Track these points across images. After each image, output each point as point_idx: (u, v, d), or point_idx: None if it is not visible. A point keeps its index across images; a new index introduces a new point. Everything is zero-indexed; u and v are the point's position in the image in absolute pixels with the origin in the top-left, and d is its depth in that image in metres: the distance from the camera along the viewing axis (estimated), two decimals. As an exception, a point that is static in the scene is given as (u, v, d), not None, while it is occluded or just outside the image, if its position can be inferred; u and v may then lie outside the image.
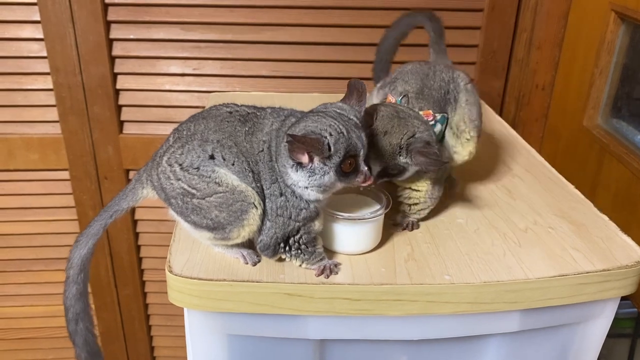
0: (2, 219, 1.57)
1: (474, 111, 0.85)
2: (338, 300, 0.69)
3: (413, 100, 0.84)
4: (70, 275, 0.80)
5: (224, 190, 0.68)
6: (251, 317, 0.71)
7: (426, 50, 1.13)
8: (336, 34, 1.43)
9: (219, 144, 0.69)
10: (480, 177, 0.96)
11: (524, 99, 1.49)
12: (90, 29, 1.38)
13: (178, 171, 0.69)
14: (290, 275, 0.70)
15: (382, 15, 1.40)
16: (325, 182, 0.67)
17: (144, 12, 1.40)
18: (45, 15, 1.36)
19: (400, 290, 0.70)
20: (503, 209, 0.87)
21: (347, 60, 1.46)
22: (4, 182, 1.53)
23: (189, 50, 1.44)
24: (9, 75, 1.43)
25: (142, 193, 0.76)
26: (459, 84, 0.86)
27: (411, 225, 0.82)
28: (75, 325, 0.82)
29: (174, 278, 0.68)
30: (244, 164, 0.69)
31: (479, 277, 0.72)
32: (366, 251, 0.76)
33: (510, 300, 0.73)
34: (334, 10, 1.40)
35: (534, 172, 0.98)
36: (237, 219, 0.69)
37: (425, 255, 0.76)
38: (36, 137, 1.49)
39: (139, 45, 1.43)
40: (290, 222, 0.70)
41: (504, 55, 1.45)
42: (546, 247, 0.78)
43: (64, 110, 1.46)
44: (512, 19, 1.41)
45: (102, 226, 0.79)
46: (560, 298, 0.74)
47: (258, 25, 1.42)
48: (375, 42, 1.42)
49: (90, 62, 1.42)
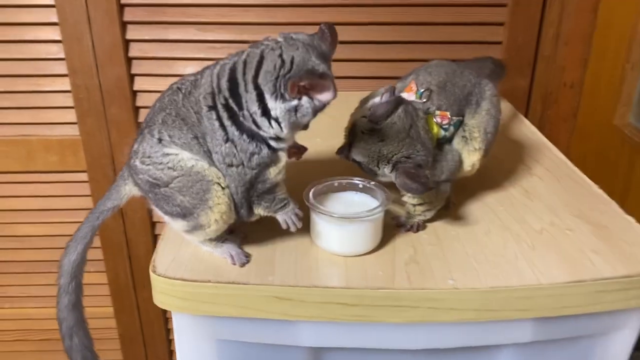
0: (23, 220, 1.58)
1: (491, 124, 0.80)
2: (331, 305, 0.65)
3: (434, 95, 0.78)
4: (61, 284, 0.76)
5: (179, 174, 0.66)
6: (240, 322, 0.67)
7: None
8: (353, 32, 1.39)
9: (163, 122, 0.67)
10: (496, 175, 0.90)
11: (551, 98, 1.41)
12: (107, 30, 1.38)
13: (139, 164, 0.68)
14: (279, 277, 0.66)
15: (400, 12, 1.36)
16: (305, 120, 0.66)
17: (160, 12, 1.38)
18: (63, 17, 1.36)
19: (398, 296, 0.65)
20: (518, 209, 0.82)
21: (365, 59, 1.41)
22: (24, 183, 1.54)
23: (204, 51, 1.42)
24: (29, 77, 1.44)
25: (125, 190, 0.74)
26: (484, 91, 0.81)
27: (416, 226, 0.77)
28: (70, 340, 0.78)
29: (158, 279, 0.65)
30: (188, 133, 0.67)
31: (485, 282, 0.66)
32: (363, 253, 0.71)
33: (521, 307, 0.67)
34: (351, 7, 1.37)
35: (554, 171, 0.91)
36: (201, 200, 0.66)
37: (428, 258, 0.71)
38: (55, 139, 1.49)
39: (155, 46, 1.42)
40: (245, 170, 0.66)
41: (529, 52, 1.38)
42: (562, 250, 0.72)
43: (82, 112, 1.46)
44: (537, 14, 1.35)
45: (90, 229, 0.77)
46: (577, 306, 0.68)
47: (273, 24, 1.39)
48: (395, 39, 1.38)
49: (107, 64, 1.41)
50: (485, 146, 0.79)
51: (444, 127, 0.76)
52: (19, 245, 1.61)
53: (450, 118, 0.76)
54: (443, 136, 0.77)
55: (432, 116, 0.76)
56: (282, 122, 0.65)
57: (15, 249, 1.62)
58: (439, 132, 0.76)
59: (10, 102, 1.45)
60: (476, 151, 0.78)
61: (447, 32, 1.37)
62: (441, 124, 0.76)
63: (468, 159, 0.79)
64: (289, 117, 0.65)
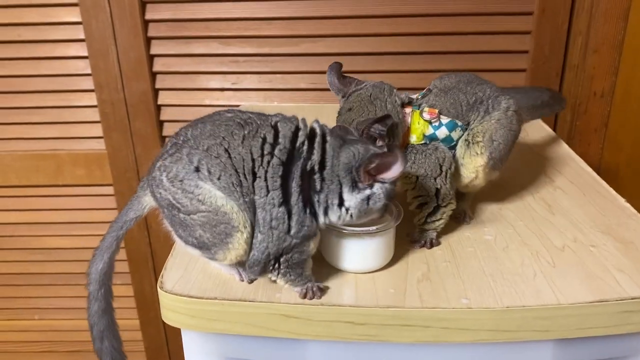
0: (51, 233, 1.61)
1: (500, 133, 0.77)
2: (339, 323, 0.63)
3: (432, 95, 0.78)
4: (91, 291, 0.77)
5: (207, 209, 0.63)
6: (248, 340, 0.66)
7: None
8: (375, 44, 1.37)
9: (208, 152, 0.64)
10: (516, 188, 0.87)
11: (581, 108, 1.37)
12: (131, 46, 1.40)
13: (165, 181, 0.65)
14: (287, 295, 0.65)
15: (421, 23, 1.34)
16: (377, 206, 0.66)
17: (183, 27, 1.40)
18: (89, 33, 1.39)
19: (408, 315, 0.62)
20: (539, 224, 0.78)
21: (386, 70, 1.40)
22: (53, 197, 1.57)
23: (227, 65, 1.43)
24: (57, 92, 1.47)
25: (146, 200, 0.72)
26: (500, 103, 0.79)
27: (429, 242, 0.75)
28: (101, 343, 0.79)
29: (165, 295, 0.65)
30: (232, 178, 0.63)
31: (501, 301, 0.64)
32: (374, 269, 0.69)
33: (539, 328, 0.64)
34: (372, 19, 1.35)
35: (579, 184, 0.88)
36: (222, 241, 0.64)
37: (442, 276, 0.68)
38: (82, 153, 1.52)
39: (179, 61, 1.43)
40: (287, 238, 0.64)
41: (557, 61, 1.34)
42: (585, 268, 0.69)
43: (108, 126, 1.48)
44: (565, 22, 1.31)
45: (115, 239, 0.76)
46: (600, 328, 0.64)
47: (295, 37, 1.39)
48: (419, 50, 1.36)
49: (131, 79, 1.43)
50: (490, 153, 0.76)
51: (433, 125, 0.75)
52: (47, 258, 1.64)
53: (438, 115, 0.75)
54: (432, 134, 0.76)
55: (420, 111, 0.76)
56: (353, 211, 0.65)
57: (43, 261, 1.65)
58: (425, 127, 0.75)
59: (40, 117, 1.49)
60: (477, 156, 0.76)
61: (472, 42, 1.34)
62: (429, 120, 0.75)
63: (470, 164, 0.77)
64: (361, 206, 0.65)
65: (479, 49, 1.34)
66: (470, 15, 1.32)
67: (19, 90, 1.46)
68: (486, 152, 0.76)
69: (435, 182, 0.75)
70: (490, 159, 0.76)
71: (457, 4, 1.31)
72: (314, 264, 0.69)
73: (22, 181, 1.54)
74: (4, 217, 1.60)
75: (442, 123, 0.75)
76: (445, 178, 0.75)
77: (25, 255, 1.65)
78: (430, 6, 1.32)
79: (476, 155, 0.76)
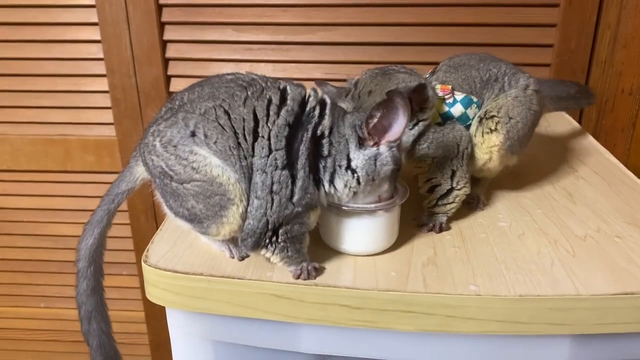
0: (59, 219, 1.59)
1: (517, 111, 0.72)
2: (334, 306, 0.58)
3: (441, 73, 0.73)
4: (79, 268, 0.75)
5: (201, 179, 0.59)
6: (236, 322, 0.61)
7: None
8: (394, 34, 1.33)
9: (205, 116, 0.60)
10: (535, 177, 0.81)
11: (608, 105, 1.30)
12: (145, 31, 1.37)
13: (158, 147, 0.61)
14: (279, 274, 0.60)
15: (444, 13, 1.29)
16: (385, 170, 0.61)
17: (197, 12, 1.37)
18: (103, 17, 1.36)
19: (410, 300, 0.57)
20: (559, 213, 0.72)
21: (405, 62, 1.33)
22: (61, 183, 1.55)
23: (240, 53, 1.40)
24: (69, 77, 1.45)
25: (138, 171, 0.69)
26: (519, 81, 0.74)
27: (439, 226, 0.69)
28: (88, 324, 0.77)
29: (149, 270, 0.61)
30: (229, 140, 0.59)
31: (513, 289, 0.58)
32: (376, 252, 0.64)
33: (555, 321, 0.58)
34: (392, 7, 1.31)
35: (604, 175, 0.82)
36: (215, 214, 0.60)
37: (449, 261, 0.63)
38: (92, 139, 1.49)
39: (192, 47, 1.40)
40: (289, 205, 0.59)
41: (583, 56, 1.28)
42: (609, 259, 0.63)
43: (119, 113, 1.46)
44: (593, 15, 1.24)
45: (106, 212, 0.73)
46: (625, 323, 0.58)
47: (311, 25, 1.35)
48: (436, 41, 1.31)
49: (144, 64, 1.40)
50: (507, 132, 0.71)
51: (447, 103, 0.70)
52: (54, 245, 1.62)
53: (452, 91, 0.70)
54: (447, 112, 0.70)
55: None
56: (360, 173, 0.61)
57: (51, 248, 1.63)
58: (441, 106, 0.70)
59: (51, 101, 1.47)
60: (492, 133, 0.70)
61: (495, 34, 1.29)
62: (443, 97, 0.70)
63: (483, 144, 0.71)
64: (369, 166, 0.61)
65: (501, 42, 1.29)
66: (493, 6, 1.27)
67: (30, 73, 1.44)
68: (502, 130, 0.70)
69: (452, 164, 0.70)
70: (507, 139, 0.71)
71: (482, -5, 1.26)
72: (310, 245, 0.64)
73: (32, 166, 1.53)
74: (14, 202, 1.58)
75: (456, 99, 0.70)
76: (462, 159, 0.70)
77: (33, 242, 1.63)
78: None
79: (489, 133, 0.70)
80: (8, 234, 1.62)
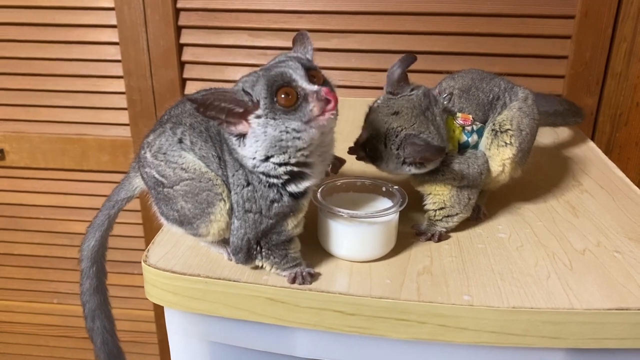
0: (74, 217, 1.62)
1: (525, 122, 0.72)
2: (328, 312, 0.59)
3: (456, 98, 0.72)
4: (82, 268, 0.77)
5: (190, 177, 0.61)
6: (232, 324, 0.62)
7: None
8: (408, 42, 1.33)
9: (190, 127, 0.63)
10: (539, 189, 0.81)
11: (622, 119, 1.29)
12: (162, 34, 1.40)
13: (149, 157, 0.64)
14: (275, 278, 0.61)
15: (458, 22, 1.29)
16: (274, 136, 0.56)
17: (213, 17, 1.39)
18: (121, 19, 1.39)
19: (403, 308, 0.57)
20: (560, 226, 0.72)
21: (419, 70, 1.35)
22: (77, 181, 1.58)
23: (255, 57, 1.41)
24: (87, 77, 1.48)
25: (136, 182, 0.72)
26: (517, 94, 0.74)
27: (437, 236, 0.69)
28: (92, 322, 0.78)
29: (149, 270, 0.62)
30: (211, 150, 0.61)
31: (507, 300, 0.58)
32: (372, 259, 0.65)
33: (549, 334, 0.58)
34: (406, 16, 1.31)
35: (609, 189, 0.81)
36: (204, 212, 0.61)
37: (445, 270, 0.63)
38: (108, 139, 1.52)
39: (207, 51, 1.42)
40: (263, 219, 0.60)
41: (598, 68, 1.27)
42: (606, 274, 0.62)
43: (134, 114, 1.48)
44: (609, 27, 1.23)
45: (107, 217, 0.76)
46: (619, 339, 0.58)
47: (326, 32, 1.36)
48: (450, 50, 1.31)
49: (160, 67, 1.43)
50: (519, 144, 0.71)
51: (466, 132, 0.70)
52: (69, 242, 1.65)
53: (473, 121, 0.70)
54: (465, 142, 0.70)
55: (454, 118, 0.70)
56: (271, 158, 0.59)
57: (66, 245, 1.66)
58: (460, 136, 0.69)
59: (69, 101, 1.50)
60: (507, 146, 0.70)
61: (509, 44, 1.29)
62: (463, 125, 0.70)
63: (497, 156, 0.71)
64: (262, 146, 0.58)
65: (515, 52, 1.28)
66: (507, 16, 1.26)
67: (50, 73, 1.47)
68: (515, 143, 0.70)
69: (471, 192, 0.70)
70: (519, 151, 0.71)
71: (495, 4, 1.26)
72: (307, 250, 0.65)
73: (49, 164, 1.56)
74: (31, 199, 1.61)
75: (474, 129, 0.70)
76: (478, 187, 0.71)
77: (49, 239, 1.66)
78: (466, 5, 1.27)
79: (504, 146, 0.71)
80: (25, 230, 1.66)
